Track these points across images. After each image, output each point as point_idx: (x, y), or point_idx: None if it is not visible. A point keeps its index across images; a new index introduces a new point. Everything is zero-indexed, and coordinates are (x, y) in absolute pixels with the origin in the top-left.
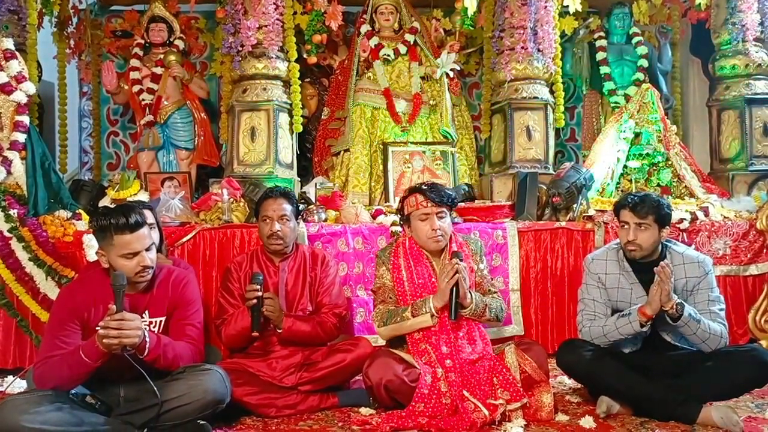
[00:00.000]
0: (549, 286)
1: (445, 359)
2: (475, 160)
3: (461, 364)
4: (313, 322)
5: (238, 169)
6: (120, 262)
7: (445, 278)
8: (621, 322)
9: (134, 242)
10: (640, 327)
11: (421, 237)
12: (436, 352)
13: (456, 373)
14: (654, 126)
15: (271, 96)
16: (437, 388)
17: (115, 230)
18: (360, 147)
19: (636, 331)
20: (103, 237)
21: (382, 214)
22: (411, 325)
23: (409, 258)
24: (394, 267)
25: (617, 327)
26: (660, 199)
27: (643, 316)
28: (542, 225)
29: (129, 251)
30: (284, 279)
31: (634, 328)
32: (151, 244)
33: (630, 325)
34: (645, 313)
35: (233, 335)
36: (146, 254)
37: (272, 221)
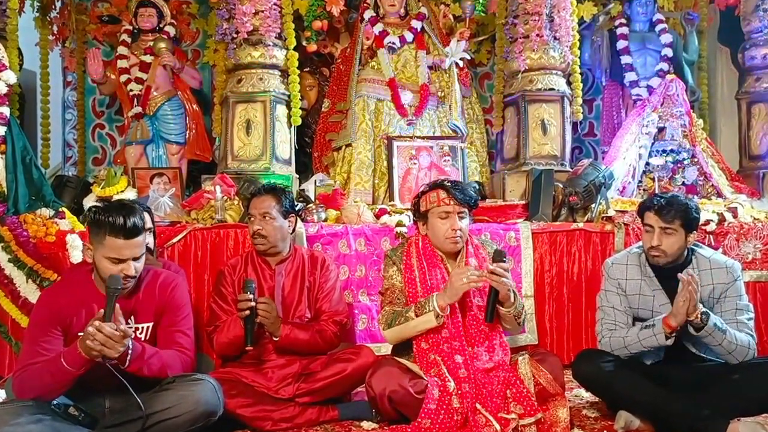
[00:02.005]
0: (565, 292)
1: (458, 369)
2: (486, 156)
3: (476, 373)
4: (311, 330)
5: (233, 165)
6: (104, 263)
7: (462, 278)
8: (644, 333)
9: (125, 249)
10: (664, 339)
11: (439, 236)
12: (448, 362)
13: (470, 384)
14: (679, 120)
15: (268, 86)
16: (447, 403)
17: (110, 231)
18: (363, 142)
19: (660, 344)
20: (95, 232)
21: (387, 213)
22: (415, 325)
23: (422, 259)
24: (407, 267)
25: (640, 339)
26: (688, 201)
27: (667, 328)
28: (558, 226)
29: (116, 256)
30: (281, 283)
31: (658, 340)
32: (141, 254)
33: (654, 337)
34: (669, 324)
35: (226, 343)
36: (133, 264)
37: (255, 219)
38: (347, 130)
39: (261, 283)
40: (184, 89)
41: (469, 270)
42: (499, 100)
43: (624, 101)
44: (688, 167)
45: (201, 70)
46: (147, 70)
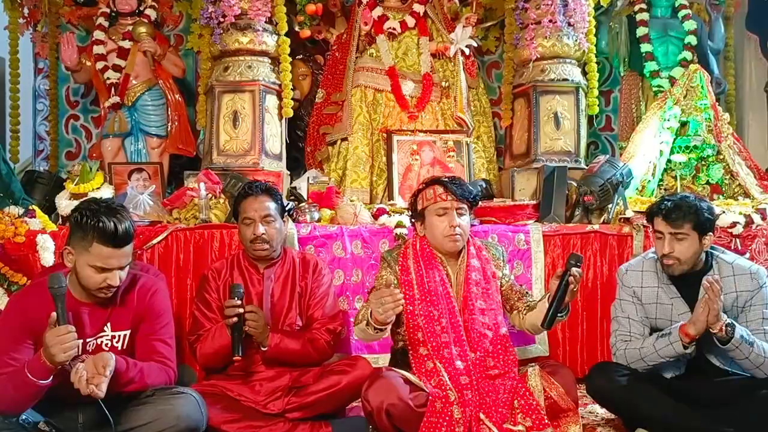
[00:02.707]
0: (579, 299)
1: (460, 376)
2: (494, 152)
3: (480, 380)
4: (303, 340)
5: (218, 160)
6: (86, 271)
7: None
8: (660, 343)
9: (113, 258)
10: (682, 349)
11: (437, 235)
12: (449, 369)
13: (472, 391)
14: (703, 114)
15: (257, 75)
16: (449, 415)
17: (98, 238)
18: (360, 135)
19: (678, 353)
20: (80, 237)
21: (385, 213)
22: (365, 333)
23: (420, 260)
24: (403, 269)
25: (656, 349)
26: (698, 202)
27: (685, 337)
28: (572, 228)
29: (102, 265)
30: (270, 289)
31: (675, 350)
32: (128, 264)
33: (671, 346)
34: (688, 333)
35: (210, 354)
36: (117, 273)
37: (255, 223)
38: (343, 123)
39: (248, 288)
40: (166, 78)
41: (384, 296)
42: (508, 92)
43: (644, 93)
44: (713, 165)
45: (184, 57)
46: (125, 56)
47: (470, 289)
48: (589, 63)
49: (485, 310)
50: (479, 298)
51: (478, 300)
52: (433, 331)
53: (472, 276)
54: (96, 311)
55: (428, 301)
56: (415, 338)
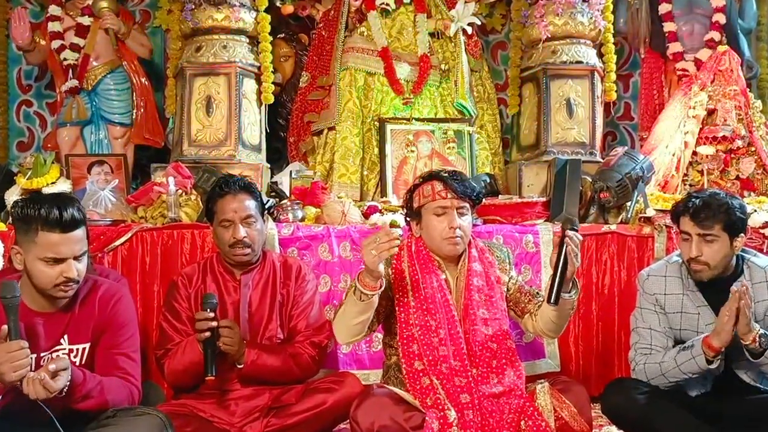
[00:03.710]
0: (594, 308)
1: (460, 394)
2: (499, 143)
3: (481, 399)
4: (284, 354)
5: (189, 152)
6: (38, 267)
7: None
8: (682, 357)
9: (63, 245)
10: (706, 363)
11: (435, 237)
12: (447, 386)
13: (474, 411)
14: (733, 101)
15: (234, 56)
16: None
17: (43, 225)
18: (349, 124)
19: (702, 368)
20: (24, 231)
21: (377, 212)
22: (347, 312)
23: (416, 264)
24: (396, 273)
25: (678, 364)
26: (729, 200)
27: (709, 350)
28: (586, 229)
29: (53, 255)
30: (247, 297)
31: (698, 364)
32: (83, 253)
33: (693, 360)
34: (711, 345)
35: (180, 371)
36: (74, 264)
37: (235, 225)
38: (330, 111)
39: (223, 297)
40: (131, 59)
41: (379, 235)
42: (515, 75)
43: (667, 77)
44: (744, 158)
45: (151, 36)
46: (85, 35)
47: (472, 297)
48: (606, 44)
49: (488, 319)
50: (482, 307)
51: (481, 308)
52: (429, 343)
53: (474, 282)
54: (51, 322)
55: (424, 310)
56: (410, 351)
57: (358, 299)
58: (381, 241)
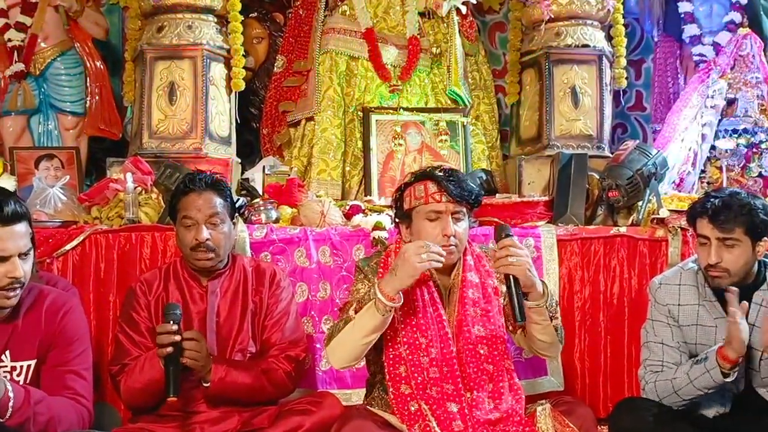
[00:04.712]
0: (602, 320)
1: (452, 421)
2: (497, 136)
3: (476, 426)
4: (256, 371)
5: (150, 145)
6: None
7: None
8: (696, 371)
9: (6, 240)
10: (721, 377)
11: None
12: (438, 412)
13: None
14: (755, 90)
15: (200, 37)
16: None
17: None
18: (330, 114)
19: (717, 382)
20: None
21: (361, 212)
22: (356, 327)
23: None
24: None
25: (691, 379)
26: (751, 200)
27: (725, 361)
28: (593, 231)
29: None
30: (215, 306)
31: (714, 378)
32: (28, 250)
33: (708, 374)
34: (727, 356)
35: (138, 390)
36: (18, 263)
37: (198, 226)
38: (308, 99)
39: (188, 306)
40: (84, 40)
41: (429, 244)
42: (514, 60)
43: (682, 63)
44: (767, 153)
45: (107, 15)
46: (32, 13)
47: (466, 311)
48: (616, 25)
49: (485, 337)
50: (477, 323)
51: (476, 325)
52: (418, 364)
53: (469, 294)
54: None
55: (413, 326)
56: (396, 373)
57: (379, 312)
58: (435, 249)
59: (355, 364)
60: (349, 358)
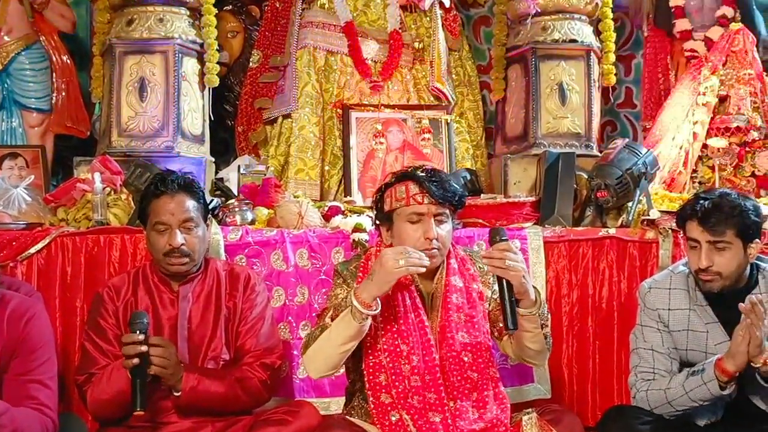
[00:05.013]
0: (590, 325)
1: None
2: (481, 134)
3: None
4: (229, 379)
5: (119, 143)
6: None
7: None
8: (692, 383)
9: None
10: (719, 390)
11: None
12: (419, 423)
13: None
14: (747, 86)
15: (172, 31)
16: None
17: None
18: (308, 111)
19: (714, 395)
20: None
21: (340, 213)
22: (331, 335)
23: None
24: None
25: (687, 390)
26: (742, 201)
27: (723, 374)
28: (581, 233)
29: None
30: (187, 312)
31: (711, 391)
32: None
33: (705, 386)
34: (725, 369)
35: (105, 401)
36: None
37: (171, 230)
38: (285, 95)
39: (158, 311)
40: (50, 33)
41: (409, 250)
42: (500, 56)
43: (673, 59)
44: (760, 151)
45: (74, 7)
46: None
47: (450, 317)
48: (604, 20)
49: (469, 344)
50: (461, 329)
51: (460, 331)
52: (399, 372)
53: (453, 299)
54: None
55: (394, 333)
56: (376, 382)
57: (355, 320)
58: (414, 254)
59: (333, 373)
60: (325, 367)
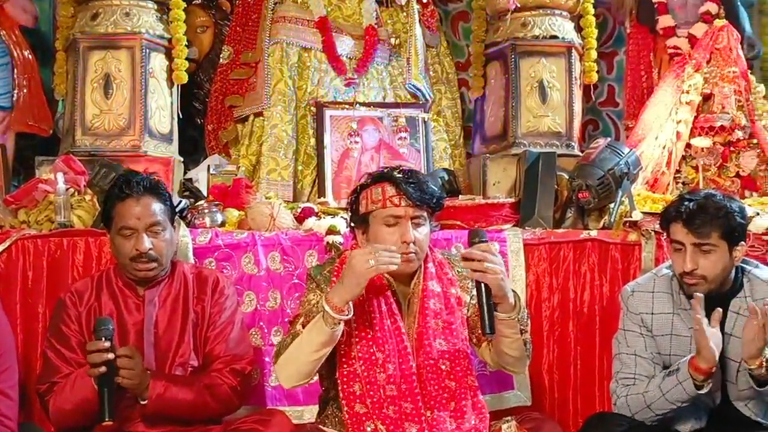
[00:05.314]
0: (571, 329)
1: None
2: (460, 133)
3: None
4: (198, 386)
5: (84, 142)
6: None
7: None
8: (668, 383)
9: None
10: (694, 389)
11: None
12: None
13: None
14: (732, 85)
15: (139, 26)
16: None
17: None
18: (280, 109)
19: (690, 395)
20: None
21: (314, 215)
22: (303, 342)
23: None
24: None
25: (663, 392)
26: (727, 202)
27: (697, 372)
28: (562, 235)
29: None
30: (153, 317)
31: (686, 390)
32: None
33: (680, 386)
34: (699, 367)
35: (69, 410)
36: None
37: (138, 235)
38: (257, 93)
39: (123, 317)
40: (11, 28)
41: (380, 250)
42: (478, 52)
43: (656, 56)
44: (745, 151)
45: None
46: None
47: (427, 323)
48: (586, 15)
49: (447, 351)
50: (439, 336)
51: (438, 338)
52: (374, 381)
53: (430, 305)
54: None
55: (369, 340)
56: (351, 392)
57: (327, 326)
58: (383, 253)
59: (307, 382)
60: (298, 376)
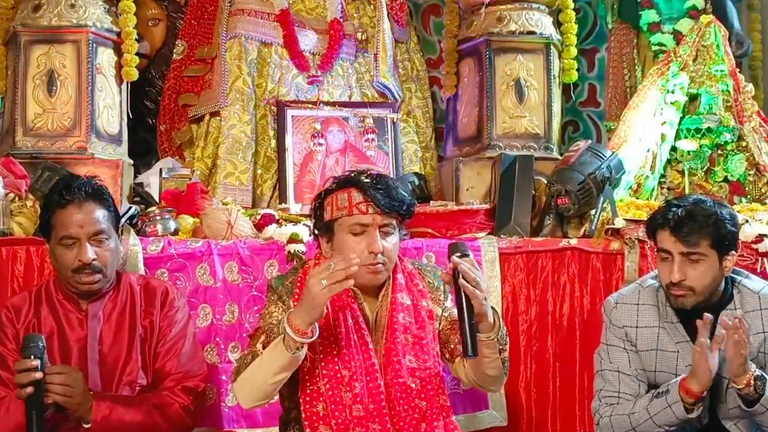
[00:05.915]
0: (550, 344)
1: None
2: (431, 135)
3: None
4: (147, 406)
5: (25, 143)
6: None
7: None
8: (656, 405)
9: None
10: (684, 412)
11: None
12: None
13: None
14: (719, 84)
15: (85, 18)
16: None
17: None
18: (238, 109)
19: (680, 418)
20: None
21: (274, 223)
22: (265, 365)
23: None
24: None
25: (651, 414)
26: (717, 208)
27: (687, 395)
28: (539, 244)
29: None
30: (97, 332)
31: (676, 414)
32: None
33: (669, 409)
34: (690, 390)
35: None
36: None
37: (80, 244)
38: (213, 91)
39: (65, 332)
40: None
41: (332, 265)
42: (451, 48)
43: (640, 53)
44: (733, 155)
45: None
46: None
47: (396, 339)
48: (565, 10)
49: (417, 369)
50: (409, 352)
51: (408, 354)
52: (340, 401)
53: (400, 318)
54: None
55: (334, 356)
56: (313, 411)
57: (288, 350)
58: (336, 268)
59: (267, 402)
60: (257, 397)
